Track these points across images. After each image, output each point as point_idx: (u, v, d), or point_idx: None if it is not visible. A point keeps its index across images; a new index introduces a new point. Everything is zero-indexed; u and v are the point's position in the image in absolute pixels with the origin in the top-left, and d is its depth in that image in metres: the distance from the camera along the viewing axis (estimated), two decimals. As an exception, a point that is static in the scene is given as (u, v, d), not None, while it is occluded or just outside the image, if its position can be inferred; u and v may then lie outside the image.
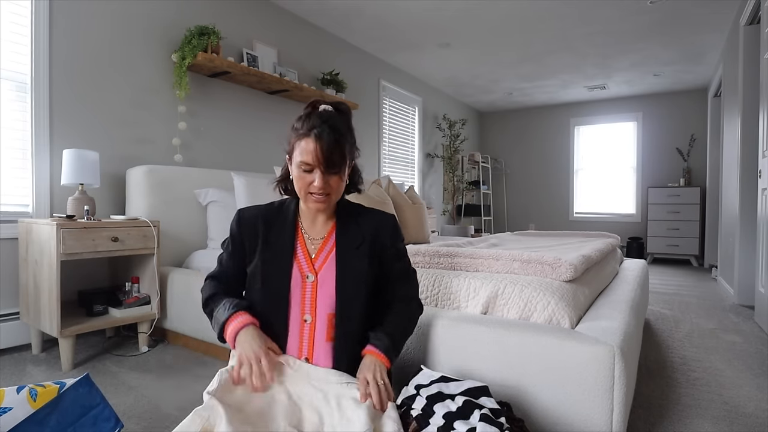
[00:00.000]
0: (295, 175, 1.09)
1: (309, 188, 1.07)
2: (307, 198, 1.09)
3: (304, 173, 1.06)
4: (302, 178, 1.07)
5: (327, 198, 1.08)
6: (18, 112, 2.29)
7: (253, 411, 0.94)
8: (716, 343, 2.38)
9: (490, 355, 1.28)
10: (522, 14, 3.88)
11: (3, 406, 1.02)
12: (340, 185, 1.10)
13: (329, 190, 1.07)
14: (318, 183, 1.05)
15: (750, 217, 3.23)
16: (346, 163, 1.09)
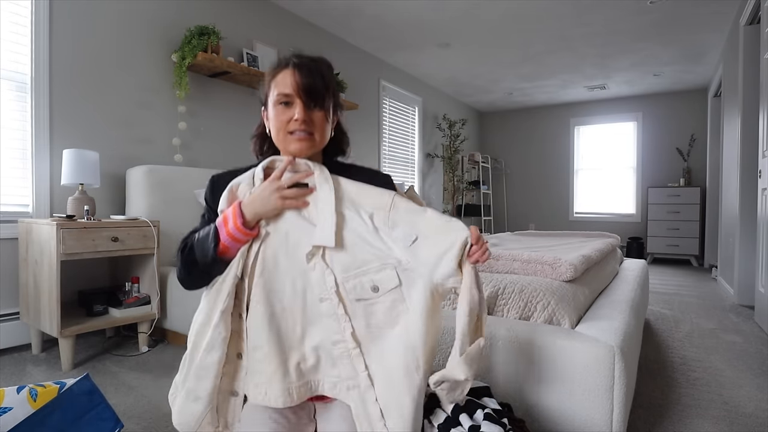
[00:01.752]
0: (273, 116, 0.92)
1: (288, 126, 0.91)
2: (287, 139, 0.92)
3: (282, 108, 0.91)
4: (280, 115, 0.91)
5: (310, 138, 0.91)
6: (18, 112, 2.29)
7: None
8: (716, 343, 2.38)
9: (491, 355, 1.28)
10: (522, 14, 3.88)
11: (3, 406, 1.02)
12: (325, 127, 0.94)
13: (312, 127, 0.91)
14: (299, 114, 0.89)
15: (750, 217, 3.23)
16: (331, 99, 0.94)
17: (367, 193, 0.89)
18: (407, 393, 0.80)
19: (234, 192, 0.92)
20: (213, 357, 0.88)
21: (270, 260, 0.87)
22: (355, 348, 0.84)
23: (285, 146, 0.93)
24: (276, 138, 0.93)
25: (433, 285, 0.84)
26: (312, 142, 0.92)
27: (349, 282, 0.84)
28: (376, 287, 0.84)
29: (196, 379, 0.90)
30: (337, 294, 0.84)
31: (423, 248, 0.84)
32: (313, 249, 0.85)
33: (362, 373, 0.84)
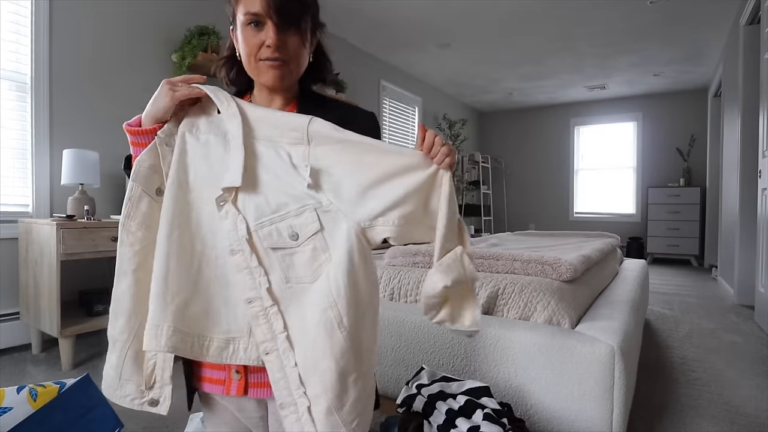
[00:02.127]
0: (241, 39, 0.80)
1: (260, 52, 0.79)
2: (259, 67, 0.81)
3: (252, 30, 0.79)
4: (250, 38, 0.79)
5: (284, 66, 0.80)
6: (18, 112, 2.29)
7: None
8: (716, 343, 2.38)
9: (491, 355, 1.28)
10: (522, 14, 3.87)
11: (3, 406, 1.02)
12: (301, 53, 0.82)
13: (286, 54, 0.79)
14: (271, 38, 0.77)
15: (750, 217, 3.23)
16: (308, 21, 0.81)
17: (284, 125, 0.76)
18: (329, 355, 0.70)
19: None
20: (122, 285, 0.77)
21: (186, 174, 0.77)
22: (272, 306, 0.73)
23: (257, 75, 0.83)
24: (246, 64, 0.82)
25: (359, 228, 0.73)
26: (286, 69, 0.81)
27: (263, 229, 0.74)
28: (295, 234, 0.73)
29: (112, 318, 0.79)
30: (249, 243, 0.73)
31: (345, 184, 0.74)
32: (224, 194, 0.74)
33: (280, 334, 0.73)
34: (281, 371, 0.72)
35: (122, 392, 0.79)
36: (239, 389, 0.81)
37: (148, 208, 0.78)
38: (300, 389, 0.72)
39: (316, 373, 0.70)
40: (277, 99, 0.87)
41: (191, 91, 0.77)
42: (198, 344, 0.74)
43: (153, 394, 0.79)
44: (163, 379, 0.79)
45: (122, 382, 0.79)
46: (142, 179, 0.77)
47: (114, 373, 0.79)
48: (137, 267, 0.77)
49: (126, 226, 0.77)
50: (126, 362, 0.78)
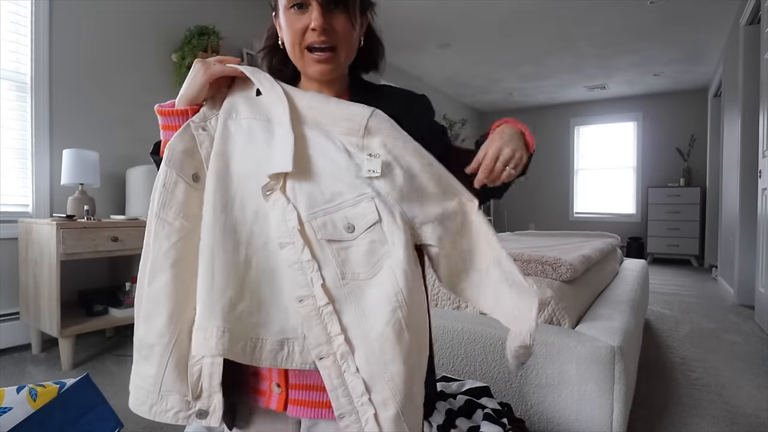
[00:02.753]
0: (285, 25, 0.73)
1: (305, 38, 0.72)
2: (305, 57, 0.74)
3: (295, 14, 0.71)
4: (293, 22, 0.72)
5: (333, 54, 0.73)
6: (18, 112, 2.29)
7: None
8: (716, 344, 2.38)
9: (491, 355, 1.28)
10: (522, 14, 3.87)
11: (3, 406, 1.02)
12: (351, 36, 0.74)
13: (334, 38, 0.72)
14: (317, 20, 0.69)
15: (750, 217, 3.23)
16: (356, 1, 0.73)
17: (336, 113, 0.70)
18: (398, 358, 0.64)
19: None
20: (159, 281, 0.68)
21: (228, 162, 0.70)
22: (327, 305, 0.66)
23: (303, 67, 0.75)
24: (291, 54, 0.75)
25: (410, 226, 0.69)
26: (336, 61, 0.74)
27: (317, 219, 0.67)
28: (351, 226, 0.67)
29: (144, 321, 0.69)
30: (301, 235, 0.66)
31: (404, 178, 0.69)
32: (271, 182, 0.68)
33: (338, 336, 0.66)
34: (339, 377, 0.65)
35: (163, 406, 0.69)
36: (279, 404, 0.74)
37: (185, 195, 0.71)
38: (364, 396, 0.65)
39: (384, 378, 0.64)
40: (325, 91, 0.79)
41: (226, 69, 0.73)
42: (251, 347, 0.65)
43: (201, 405, 0.70)
44: (211, 387, 0.70)
45: (163, 395, 0.69)
46: (177, 164, 0.70)
47: (151, 386, 0.69)
48: (176, 261, 0.69)
49: (161, 216, 0.69)
50: (168, 370, 0.69)
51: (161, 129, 0.76)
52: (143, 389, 0.71)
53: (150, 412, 0.70)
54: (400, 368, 0.64)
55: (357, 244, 0.67)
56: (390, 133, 0.70)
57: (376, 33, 0.84)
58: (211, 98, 0.76)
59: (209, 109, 0.75)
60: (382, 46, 0.85)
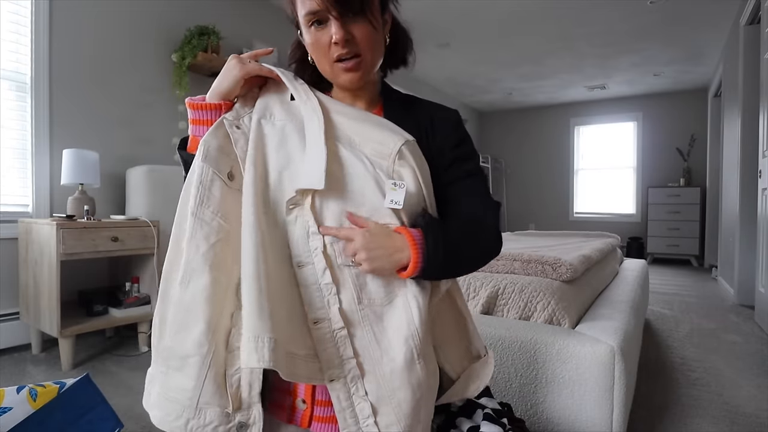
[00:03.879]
0: (310, 42, 0.72)
1: (330, 52, 0.71)
2: (333, 69, 0.72)
3: (316, 31, 0.70)
4: (318, 40, 0.70)
5: (359, 62, 0.71)
6: (18, 112, 2.29)
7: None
8: (716, 344, 2.38)
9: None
10: (521, 14, 3.87)
11: (3, 406, 1.02)
12: (374, 38, 0.72)
13: (356, 47, 0.70)
14: (337, 35, 0.68)
15: (750, 217, 3.23)
16: (372, 1, 0.70)
17: (369, 133, 0.69)
18: (407, 386, 0.64)
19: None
20: (196, 285, 0.64)
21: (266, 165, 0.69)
22: (342, 329, 0.65)
23: (334, 78, 0.75)
24: (321, 68, 0.75)
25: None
26: (363, 68, 0.72)
27: (339, 242, 0.66)
28: None
29: (177, 330, 0.64)
30: (324, 256, 0.65)
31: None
32: (297, 196, 0.66)
33: (350, 360, 0.65)
34: (348, 399, 0.66)
35: (201, 421, 0.65)
36: (303, 420, 0.73)
37: (221, 193, 0.68)
38: (370, 419, 0.65)
39: (391, 403, 0.65)
40: (359, 101, 0.80)
41: (263, 69, 0.73)
42: (290, 360, 0.63)
43: (241, 417, 0.66)
44: (251, 397, 0.67)
45: (201, 408, 0.64)
46: (213, 161, 0.68)
47: (187, 400, 0.64)
48: (214, 264, 0.65)
49: (198, 216, 0.66)
50: (207, 383, 0.64)
51: (190, 123, 0.75)
52: (178, 403, 0.65)
53: (186, 427, 0.65)
54: (407, 395, 0.65)
55: None
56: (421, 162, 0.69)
57: (402, 26, 0.82)
58: (242, 96, 0.75)
59: (242, 107, 0.74)
60: (409, 39, 0.83)
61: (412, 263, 0.64)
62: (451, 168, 0.76)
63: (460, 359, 0.80)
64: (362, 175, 0.67)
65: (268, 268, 0.63)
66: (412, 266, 0.64)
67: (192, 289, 0.64)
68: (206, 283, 0.64)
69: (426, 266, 0.64)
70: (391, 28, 0.79)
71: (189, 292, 0.64)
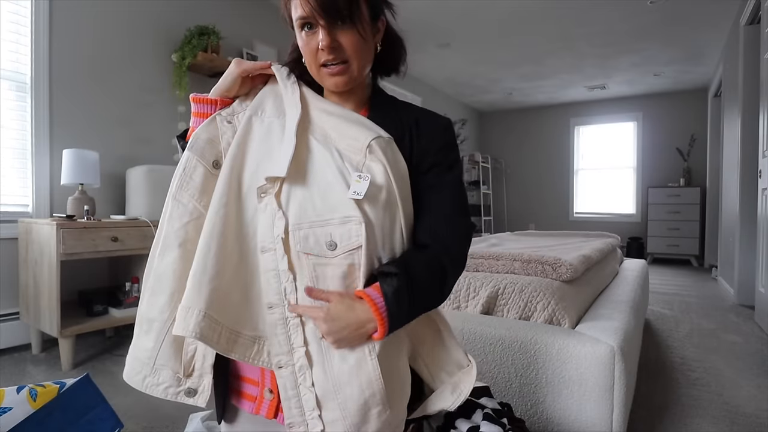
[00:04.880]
0: (301, 45, 0.75)
1: (318, 57, 0.73)
2: (320, 73, 0.74)
3: (307, 35, 0.72)
4: (307, 44, 0.72)
5: (344, 68, 0.72)
6: (18, 112, 2.29)
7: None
8: (716, 344, 2.38)
9: (491, 355, 1.28)
10: (522, 14, 3.87)
11: (3, 406, 1.02)
12: (361, 46, 0.72)
13: (342, 54, 0.71)
14: (323, 41, 0.69)
15: (750, 217, 3.23)
16: (362, 11, 0.71)
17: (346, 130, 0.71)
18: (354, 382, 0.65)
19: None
20: (167, 259, 0.71)
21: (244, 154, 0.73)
22: (295, 316, 0.67)
23: (321, 82, 0.76)
24: (310, 71, 0.77)
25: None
26: (348, 74, 0.73)
27: (301, 231, 0.67)
28: (334, 243, 0.66)
29: (150, 295, 0.72)
30: (283, 243, 0.67)
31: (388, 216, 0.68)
32: (266, 185, 0.68)
33: (299, 348, 0.67)
34: (294, 389, 0.67)
35: (155, 380, 0.71)
36: (270, 411, 0.74)
37: (203, 179, 0.74)
38: (315, 411, 0.67)
39: (337, 398, 0.65)
40: (347, 103, 0.81)
41: (257, 65, 0.77)
42: (225, 337, 0.67)
43: (191, 383, 0.72)
44: (203, 368, 0.72)
45: (156, 368, 0.71)
46: (199, 150, 0.74)
47: (146, 359, 0.72)
48: (184, 241, 0.71)
49: (177, 198, 0.74)
50: (164, 345, 0.71)
51: (192, 116, 0.80)
52: (139, 361, 0.72)
53: (142, 383, 0.72)
54: (353, 393, 0.65)
55: (335, 264, 0.67)
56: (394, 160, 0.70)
57: (397, 34, 0.83)
58: (245, 95, 0.80)
59: (239, 104, 0.79)
60: (403, 47, 0.84)
61: (379, 332, 0.65)
62: (430, 173, 0.75)
63: (438, 370, 0.79)
64: (329, 167, 0.69)
65: (226, 250, 0.68)
66: (380, 334, 0.65)
67: (165, 261, 0.71)
68: (175, 257, 0.71)
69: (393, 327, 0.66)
70: (385, 35, 0.79)
71: (162, 263, 0.72)
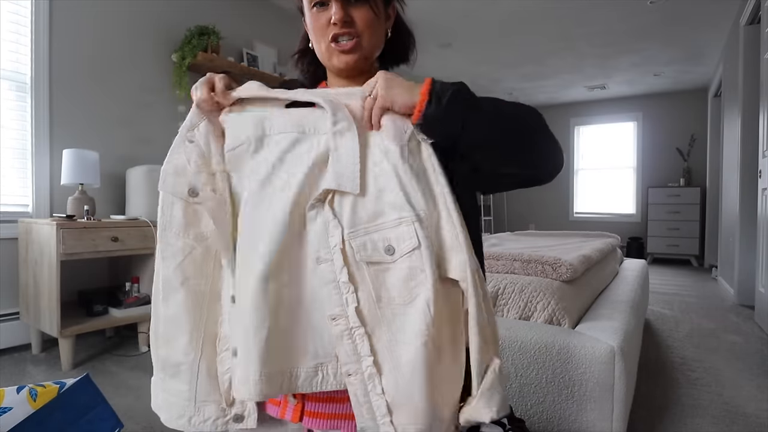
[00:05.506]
0: (310, 23, 0.74)
1: (327, 32, 0.72)
2: (329, 51, 0.73)
3: (318, 11, 0.72)
4: (317, 20, 0.72)
5: (356, 43, 0.72)
6: (18, 112, 2.29)
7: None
8: (716, 344, 2.38)
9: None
10: (522, 14, 3.87)
11: (3, 406, 1.02)
12: (373, 26, 0.72)
13: (354, 29, 0.71)
14: (337, 13, 0.69)
15: (750, 217, 3.23)
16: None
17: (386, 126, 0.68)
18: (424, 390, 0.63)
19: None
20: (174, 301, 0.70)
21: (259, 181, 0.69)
22: (359, 327, 0.65)
23: (329, 60, 0.74)
24: (318, 51, 0.75)
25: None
26: (359, 50, 0.72)
27: (357, 239, 0.64)
28: (391, 248, 0.63)
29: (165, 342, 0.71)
30: (342, 253, 0.64)
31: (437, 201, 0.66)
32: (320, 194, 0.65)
33: (367, 357, 0.65)
34: (365, 396, 0.65)
35: (201, 417, 0.71)
36: (294, 415, 0.73)
37: (183, 212, 0.72)
38: (386, 417, 0.65)
39: (407, 406, 0.64)
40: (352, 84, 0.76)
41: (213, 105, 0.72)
42: (287, 380, 0.65)
43: (236, 410, 0.72)
44: None
45: (199, 406, 0.71)
46: (170, 186, 0.72)
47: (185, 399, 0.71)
48: (185, 279, 0.71)
49: (164, 239, 0.72)
50: (200, 383, 0.71)
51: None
52: (177, 405, 0.72)
53: (189, 424, 0.72)
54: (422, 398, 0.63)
55: (396, 267, 0.64)
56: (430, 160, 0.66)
57: (406, 24, 0.83)
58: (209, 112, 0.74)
59: (197, 115, 0.73)
60: (412, 37, 0.84)
61: (421, 97, 0.63)
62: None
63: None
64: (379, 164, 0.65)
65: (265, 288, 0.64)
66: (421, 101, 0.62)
67: (171, 304, 0.71)
68: (182, 299, 0.70)
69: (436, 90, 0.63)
70: (395, 24, 0.80)
71: (170, 307, 0.71)
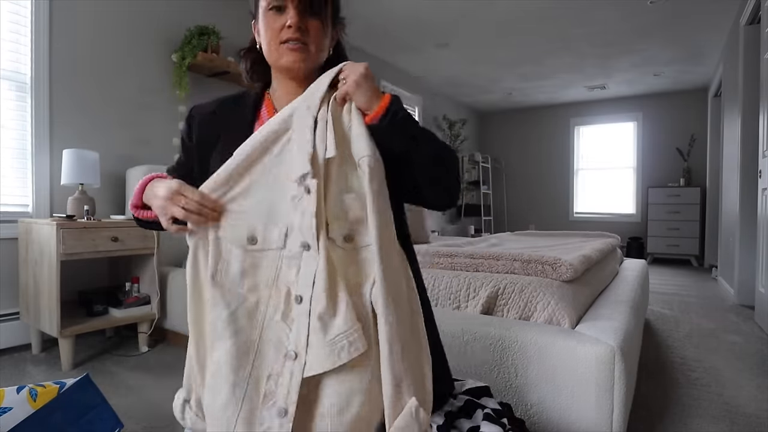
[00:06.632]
0: (263, 25, 0.81)
1: (281, 35, 0.79)
2: (279, 50, 0.81)
3: (274, 15, 0.79)
4: (272, 23, 0.80)
5: (305, 47, 0.80)
6: (18, 112, 2.29)
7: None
8: (716, 344, 2.38)
9: (491, 355, 1.28)
10: (521, 14, 3.87)
11: (3, 406, 1.02)
12: (322, 39, 0.83)
13: (306, 37, 0.80)
14: (293, 18, 0.77)
15: (750, 217, 3.23)
16: (328, 10, 0.84)
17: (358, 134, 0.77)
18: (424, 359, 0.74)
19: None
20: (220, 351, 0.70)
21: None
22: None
23: (277, 59, 0.82)
24: (267, 51, 0.83)
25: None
26: (307, 53, 0.81)
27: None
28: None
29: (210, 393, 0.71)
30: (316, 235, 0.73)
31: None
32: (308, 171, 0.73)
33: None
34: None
35: None
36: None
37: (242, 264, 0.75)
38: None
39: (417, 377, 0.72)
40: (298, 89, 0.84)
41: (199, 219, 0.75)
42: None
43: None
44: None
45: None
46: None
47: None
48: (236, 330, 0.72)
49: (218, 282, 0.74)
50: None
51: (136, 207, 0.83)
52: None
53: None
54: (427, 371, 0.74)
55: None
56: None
57: (345, 50, 0.95)
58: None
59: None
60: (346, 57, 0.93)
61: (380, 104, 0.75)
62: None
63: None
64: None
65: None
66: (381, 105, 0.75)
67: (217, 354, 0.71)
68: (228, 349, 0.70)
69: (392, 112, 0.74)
70: (336, 46, 0.92)
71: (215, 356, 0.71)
